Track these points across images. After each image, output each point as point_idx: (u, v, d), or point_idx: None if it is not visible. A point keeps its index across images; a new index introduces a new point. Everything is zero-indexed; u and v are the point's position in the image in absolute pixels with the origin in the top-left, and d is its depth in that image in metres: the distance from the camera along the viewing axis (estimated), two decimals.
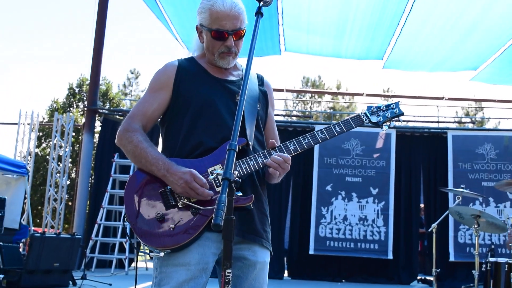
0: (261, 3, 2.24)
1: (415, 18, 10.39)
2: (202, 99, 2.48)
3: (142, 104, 2.54)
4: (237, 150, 2.20)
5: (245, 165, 2.37)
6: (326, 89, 34.29)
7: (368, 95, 17.46)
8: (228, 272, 1.71)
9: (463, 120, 21.72)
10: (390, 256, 11.14)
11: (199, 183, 2.25)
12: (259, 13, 2.24)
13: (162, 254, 2.26)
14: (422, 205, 12.24)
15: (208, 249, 2.32)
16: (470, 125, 17.77)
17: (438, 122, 14.22)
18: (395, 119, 2.57)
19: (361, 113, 2.55)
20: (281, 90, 16.80)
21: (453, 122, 14.01)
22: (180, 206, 2.29)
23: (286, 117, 16.85)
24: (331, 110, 30.14)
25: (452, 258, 11.03)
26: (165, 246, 2.25)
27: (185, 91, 2.51)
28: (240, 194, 2.32)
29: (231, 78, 2.61)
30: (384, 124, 2.54)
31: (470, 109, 29.55)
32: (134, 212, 2.34)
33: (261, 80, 2.75)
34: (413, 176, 11.90)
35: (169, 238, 2.25)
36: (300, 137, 2.46)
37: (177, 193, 2.30)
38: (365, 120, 2.53)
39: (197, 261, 2.29)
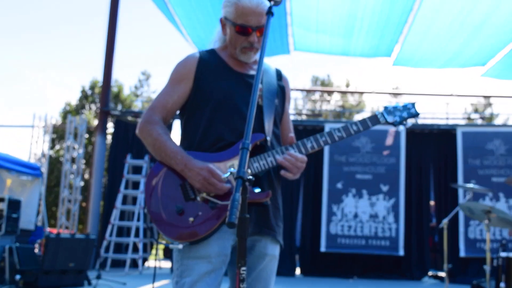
0: (272, 2, 2.26)
1: (423, 15, 10.41)
2: (222, 93, 2.50)
3: (163, 96, 2.57)
4: (251, 147, 2.32)
5: (263, 161, 2.40)
6: (336, 87, 34.27)
7: (377, 93, 17.45)
8: (243, 270, 1.74)
9: (472, 116, 21.66)
10: (402, 253, 11.18)
11: (217, 178, 2.29)
12: (269, 13, 2.25)
13: (181, 246, 2.31)
14: (432, 202, 12.26)
15: (227, 241, 2.37)
16: (480, 121, 17.74)
17: (447, 118, 14.24)
18: (411, 119, 2.58)
19: (378, 113, 2.57)
20: (291, 90, 16.82)
21: (462, 119, 14.04)
22: (199, 199, 2.34)
23: (296, 115, 16.89)
24: (341, 108, 30.11)
25: (462, 253, 11.07)
26: (185, 239, 2.30)
27: (206, 84, 2.54)
28: (258, 190, 2.37)
29: (252, 72, 2.64)
30: (400, 124, 2.57)
31: (479, 105, 29.41)
32: (154, 204, 2.39)
33: (279, 75, 2.78)
34: (423, 173, 11.93)
35: (188, 231, 2.30)
36: (318, 134, 2.49)
37: (196, 188, 2.34)
38: (382, 120, 2.55)
39: (218, 253, 2.34)
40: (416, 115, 2.59)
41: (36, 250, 9.27)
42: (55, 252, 8.03)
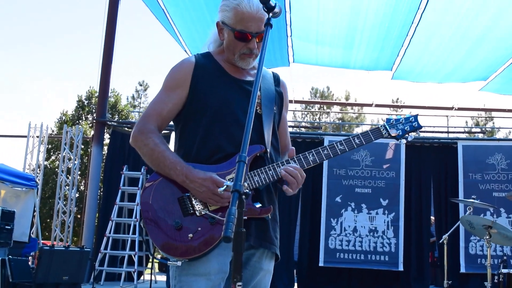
0: (270, 14, 2.16)
1: (424, 29, 10.37)
2: (220, 100, 2.42)
3: (157, 104, 2.48)
4: (251, 159, 2.29)
5: (263, 175, 2.33)
6: (335, 100, 34.26)
7: (377, 105, 17.38)
8: (238, 285, 1.68)
9: (473, 130, 21.61)
10: (401, 268, 11.03)
11: None
12: (268, 24, 2.16)
13: (179, 263, 2.24)
14: (432, 218, 12.13)
15: (227, 258, 2.29)
16: (481, 135, 17.66)
17: (448, 132, 14.15)
18: (414, 132, 2.54)
19: (380, 126, 2.51)
20: (290, 101, 16.72)
21: (463, 132, 13.96)
22: (198, 214, 2.26)
23: (295, 128, 16.81)
24: (340, 121, 30.09)
25: (463, 269, 10.92)
26: (184, 256, 2.23)
27: (202, 90, 2.45)
28: (259, 205, 2.32)
29: (249, 78, 2.55)
30: (403, 137, 2.52)
31: (480, 119, 29.39)
32: (151, 219, 2.30)
33: (277, 80, 2.69)
34: (423, 187, 11.82)
35: (187, 247, 2.22)
36: (320, 148, 2.42)
37: (199, 199, 2.26)
38: (385, 133, 2.49)
39: (217, 270, 2.27)
40: (418, 128, 2.53)
41: (30, 263, 9.16)
42: (49, 265, 7.93)
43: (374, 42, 11.20)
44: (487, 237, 5.97)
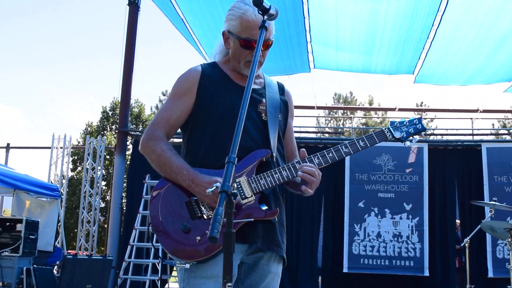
0: (265, 17, 2.21)
1: (444, 31, 10.27)
2: (225, 108, 2.47)
3: (165, 112, 2.54)
4: (257, 163, 2.37)
5: (270, 178, 2.37)
6: (358, 105, 34.05)
7: (400, 109, 17.20)
8: (228, 286, 1.69)
9: (500, 132, 21.23)
10: (426, 273, 10.89)
11: None
12: (263, 27, 2.21)
13: (187, 265, 2.29)
14: (458, 221, 11.95)
15: (235, 260, 2.29)
16: (508, 137, 17.36)
17: (472, 134, 13.93)
18: (418, 135, 2.57)
19: (385, 128, 2.55)
20: (312, 107, 16.67)
21: (489, 134, 13.71)
22: (205, 218, 2.30)
23: (318, 134, 16.75)
24: (364, 126, 29.91)
25: (491, 274, 10.72)
26: (192, 258, 2.27)
27: (209, 98, 2.51)
28: (265, 207, 2.35)
29: (254, 86, 2.59)
30: (407, 139, 2.54)
31: (508, 121, 28.88)
32: (160, 223, 2.37)
33: (281, 89, 2.75)
34: (447, 191, 11.65)
35: (195, 250, 2.27)
36: (324, 151, 2.46)
37: (205, 203, 2.31)
38: (389, 135, 2.53)
39: None
40: (422, 130, 2.56)
41: (55, 272, 9.26)
42: (72, 273, 8.02)
43: (395, 46, 11.13)
44: (509, 239, 5.86)
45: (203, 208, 2.31)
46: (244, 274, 2.47)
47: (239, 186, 2.32)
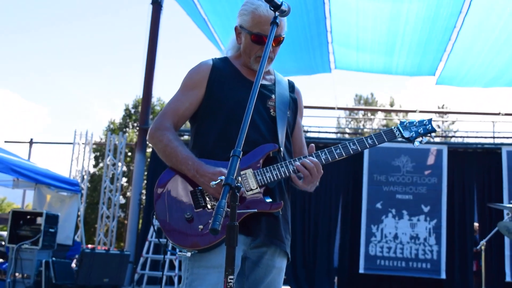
0: (277, 13, 2.23)
1: (467, 33, 10.18)
2: (235, 102, 2.49)
3: (175, 103, 2.57)
4: (265, 157, 2.39)
5: (276, 171, 2.38)
6: (379, 106, 33.83)
7: (421, 111, 17.05)
8: (230, 279, 1.70)
9: None
10: (443, 276, 10.83)
11: None
12: (274, 23, 2.23)
13: (189, 254, 2.30)
14: (476, 224, 11.85)
15: (238, 252, 2.33)
16: None
17: (494, 137, 13.78)
18: (428, 135, 2.56)
19: (394, 128, 2.54)
20: (333, 108, 16.63)
21: (510, 137, 13.53)
22: (209, 207, 2.32)
23: (338, 134, 16.70)
24: (385, 127, 29.71)
25: (508, 278, 10.62)
26: (193, 246, 2.29)
27: (218, 92, 2.53)
28: (269, 200, 2.36)
29: (264, 82, 2.62)
30: (416, 140, 2.53)
31: None
32: (163, 211, 2.40)
33: (292, 87, 2.76)
34: (466, 193, 11.56)
35: (197, 238, 2.28)
36: (332, 147, 2.46)
37: (209, 193, 2.32)
38: (398, 134, 2.51)
39: None
40: (432, 131, 2.55)
41: (74, 265, 9.37)
42: (90, 267, 8.12)
43: (416, 47, 11.06)
44: None
45: (207, 198, 2.33)
46: (249, 270, 2.48)
47: (244, 178, 2.33)
